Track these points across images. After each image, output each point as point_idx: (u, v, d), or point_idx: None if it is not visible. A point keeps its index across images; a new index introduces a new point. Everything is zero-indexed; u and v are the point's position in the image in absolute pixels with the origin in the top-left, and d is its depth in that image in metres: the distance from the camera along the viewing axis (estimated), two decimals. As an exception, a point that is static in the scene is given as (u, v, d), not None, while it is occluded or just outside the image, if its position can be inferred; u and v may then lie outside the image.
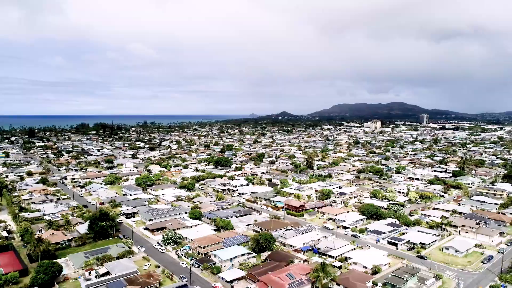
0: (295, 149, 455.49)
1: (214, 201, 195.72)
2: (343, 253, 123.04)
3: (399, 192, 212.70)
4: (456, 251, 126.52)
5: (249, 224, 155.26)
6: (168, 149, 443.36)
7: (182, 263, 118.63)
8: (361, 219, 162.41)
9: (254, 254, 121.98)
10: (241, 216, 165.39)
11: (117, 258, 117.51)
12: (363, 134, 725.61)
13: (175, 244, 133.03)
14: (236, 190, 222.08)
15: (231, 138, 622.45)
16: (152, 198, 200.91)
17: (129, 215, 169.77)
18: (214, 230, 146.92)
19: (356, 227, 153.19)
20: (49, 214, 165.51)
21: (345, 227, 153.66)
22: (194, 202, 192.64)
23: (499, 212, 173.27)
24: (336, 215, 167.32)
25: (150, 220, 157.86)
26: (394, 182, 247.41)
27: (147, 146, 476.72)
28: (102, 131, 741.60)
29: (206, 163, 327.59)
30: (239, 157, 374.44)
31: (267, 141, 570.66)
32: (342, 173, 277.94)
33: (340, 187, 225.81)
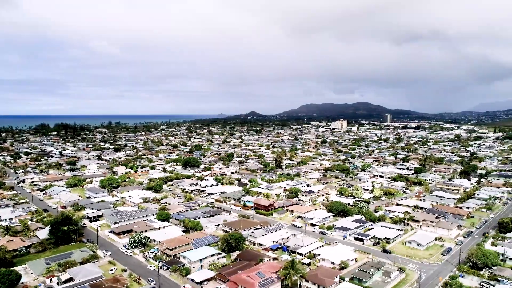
0: (264, 148, 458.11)
1: (182, 202, 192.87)
2: (312, 250, 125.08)
3: (365, 189, 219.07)
4: (418, 245, 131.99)
5: (219, 224, 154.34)
6: (135, 150, 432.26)
7: (150, 266, 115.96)
8: (329, 216, 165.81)
9: (224, 254, 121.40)
10: (210, 216, 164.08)
11: (81, 263, 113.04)
12: (330, 134, 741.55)
13: (143, 247, 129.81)
14: (205, 190, 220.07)
15: (200, 138, 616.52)
16: (117, 200, 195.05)
17: (94, 219, 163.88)
18: (183, 231, 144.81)
19: (324, 224, 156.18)
20: (5, 219, 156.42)
21: (313, 225, 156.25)
22: (162, 203, 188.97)
23: (456, 207, 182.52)
24: (304, 213, 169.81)
25: (115, 223, 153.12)
26: (360, 179, 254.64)
27: (112, 147, 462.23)
28: (64, 132, 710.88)
29: (174, 163, 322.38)
30: (208, 157, 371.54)
31: (236, 141, 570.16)
32: (310, 172, 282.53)
33: (308, 186, 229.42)
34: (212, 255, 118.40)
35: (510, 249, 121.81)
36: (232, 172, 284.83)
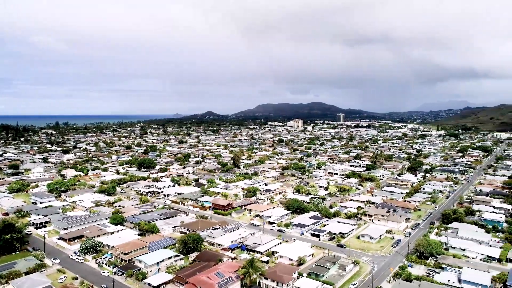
0: (222, 148, 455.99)
1: (137, 204, 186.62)
2: (270, 248, 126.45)
3: (320, 187, 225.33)
4: (370, 238, 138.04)
5: (176, 226, 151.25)
6: (85, 152, 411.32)
7: (104, 272, 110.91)
8: (286, 214, 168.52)
9: (182, 256, 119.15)
10: (167, 218, 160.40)
11: (26, 273, 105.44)
12: (286, 133, 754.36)
13: (95, 253, 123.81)
14: (161, 192, 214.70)
15: (155, 139, 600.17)
16: (67, 205, 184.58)
17: (40, 225, 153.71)
18: (138, 234, 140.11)
19: (282, 222, 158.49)
20: None
21: (271, 223, 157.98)
22: (115, 206, 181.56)
23: (405, 200, 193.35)
24: (262, 211, 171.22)
25: (65, 229, 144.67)
26: (316, 177, 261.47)
27: (60, 149, 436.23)
28: (5, 133, 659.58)
29: (128, 165, 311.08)
30: (164, 158, 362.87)
31: (193, 141, 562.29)
32: (267, 171, 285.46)
33: (266, 184, 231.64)
34: (170, 258, 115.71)
35: (452, 239, 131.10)
36: (189, 173, 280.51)
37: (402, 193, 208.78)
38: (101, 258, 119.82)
